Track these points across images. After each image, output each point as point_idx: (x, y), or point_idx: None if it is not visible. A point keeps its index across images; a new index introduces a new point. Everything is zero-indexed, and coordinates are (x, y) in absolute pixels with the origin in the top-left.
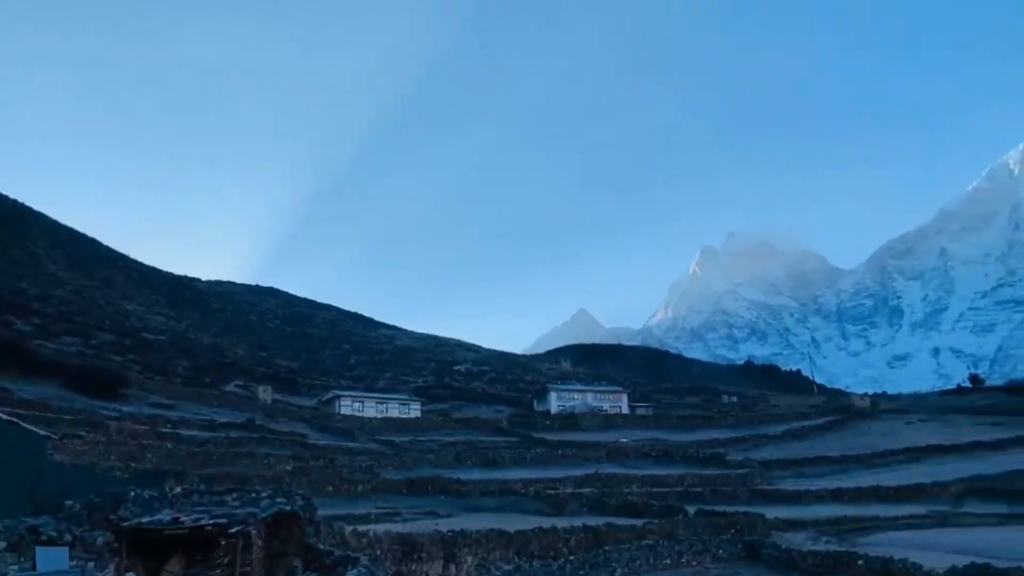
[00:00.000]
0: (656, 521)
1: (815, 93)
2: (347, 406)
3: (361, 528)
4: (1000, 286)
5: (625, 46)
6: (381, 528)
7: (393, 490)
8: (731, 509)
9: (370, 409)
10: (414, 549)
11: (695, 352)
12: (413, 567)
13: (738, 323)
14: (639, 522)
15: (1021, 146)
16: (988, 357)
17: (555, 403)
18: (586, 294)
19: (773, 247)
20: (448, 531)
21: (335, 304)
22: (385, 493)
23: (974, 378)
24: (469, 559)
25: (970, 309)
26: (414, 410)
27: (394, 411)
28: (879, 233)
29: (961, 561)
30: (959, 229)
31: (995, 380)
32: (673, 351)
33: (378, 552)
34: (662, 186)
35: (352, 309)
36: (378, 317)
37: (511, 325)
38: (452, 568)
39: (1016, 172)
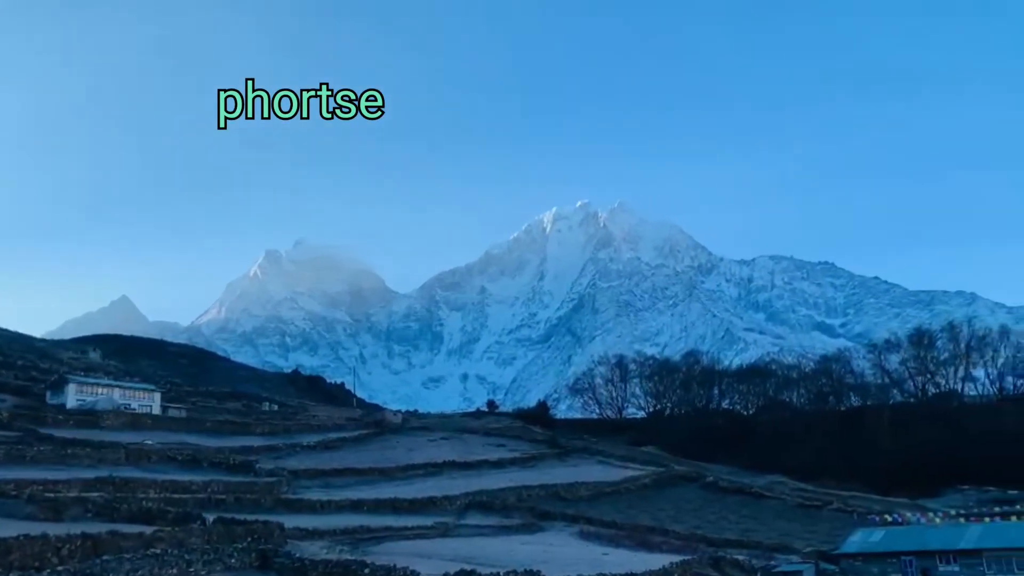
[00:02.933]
0: (169, 529)
1: (406, 123)
2: None
3: None
4: (522, 326)
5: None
6: None
7: None
8: (252, 517)
9: None
10: None
11: (244, 357)
12: None
13: (292, 332)
14: (149, 529)
15: (554, 209)
16: (505, 386)
17: (73, 397)
18: (131, 281)
19: (337, 261)
20: None
21: None
22: None
23: (490, 403)
24: None
25: (497, 343)
26: None
27: None
28: (434, 264)
29: (453, 568)
30: (498, 272)
31: (507, 407)
32: (221, 353)
33: None
34: (232, 180)
35: None
36: None
37: (32, 303)
38: None
39: (548, 231)
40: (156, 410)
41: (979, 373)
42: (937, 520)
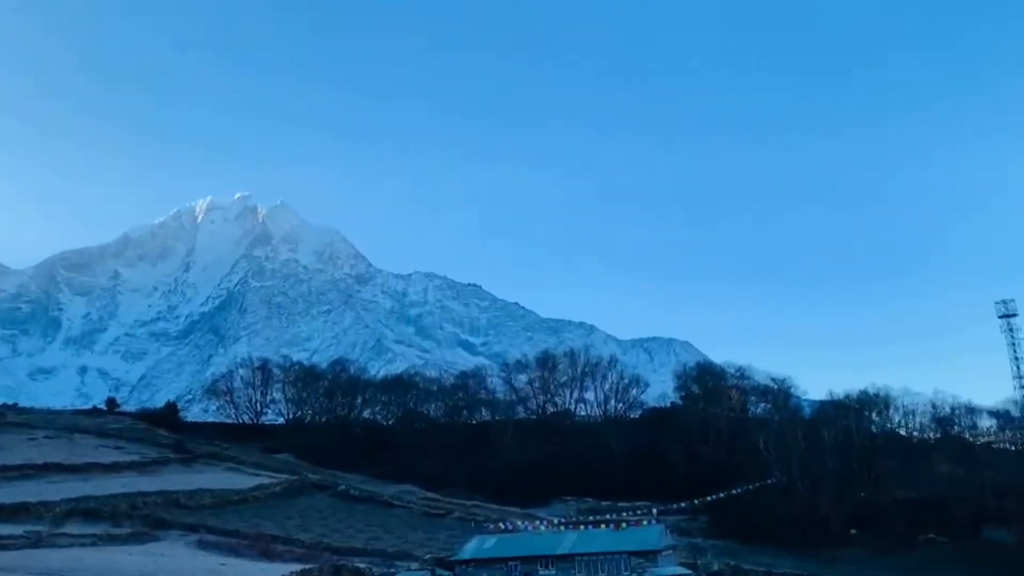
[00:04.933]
0: None
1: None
2: None
3: None
4: (158, 319)
5: None
6: None
7: None
8: None
9: None
10: None
11: None
12: None
13: None
14: None
15: (210, 198)
16: (132, 383)
17: None
18: None
19: None
20: None
21: None
22: None
23: (111, 401)
24: None
25: (126, 335)
26: None
27: None
28: (59, 241)
29: None
30: (137, 257)
31: (132, 406)
32: None
33: None
34: None
35: None
36: None
37: None
38: None
39: (199, 220)
40: None
41: (590, 396)
42: (542, 528)
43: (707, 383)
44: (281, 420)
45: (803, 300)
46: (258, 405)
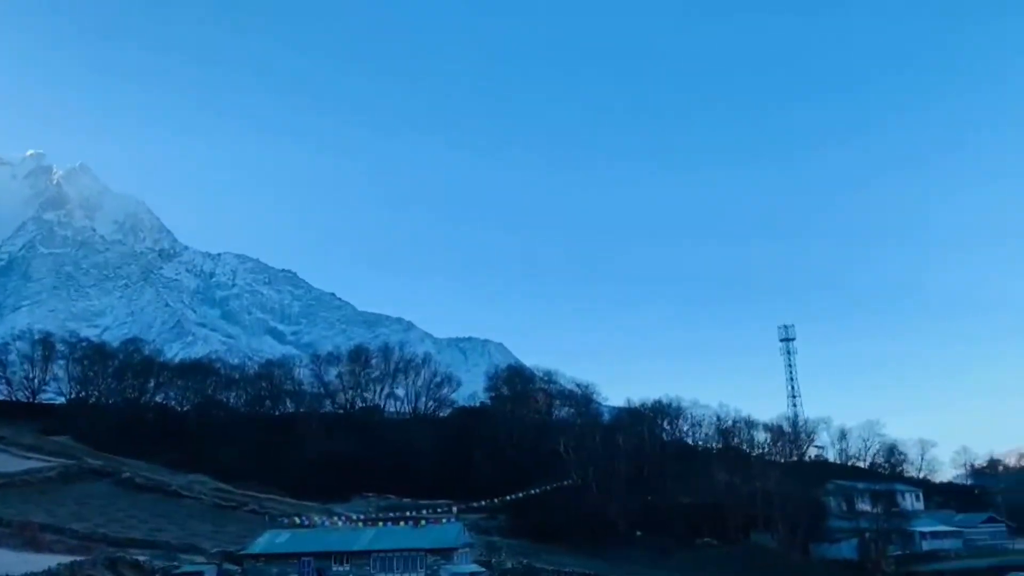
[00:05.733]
0: None
1: None
2: None
3: None
4: None
5: None
6: None
7: None
8: None
9: None
10: None
11: None
12: None
13: None
14: None
15: None
16: None
17: None
18: None
19: None
20: None
21: None
22: None
23: None
24: None
25: None
26: None
27: None
28: None
29: None
30: None
31: None
32: None
33: None
34: None
35: None
36: None
37: None
38: None
39: None
40: None
41: (401, 392)
42: (339, 523)
43: (516, 385)
44: (62, 400)
45: (612, 312)
46: (36, 382)
